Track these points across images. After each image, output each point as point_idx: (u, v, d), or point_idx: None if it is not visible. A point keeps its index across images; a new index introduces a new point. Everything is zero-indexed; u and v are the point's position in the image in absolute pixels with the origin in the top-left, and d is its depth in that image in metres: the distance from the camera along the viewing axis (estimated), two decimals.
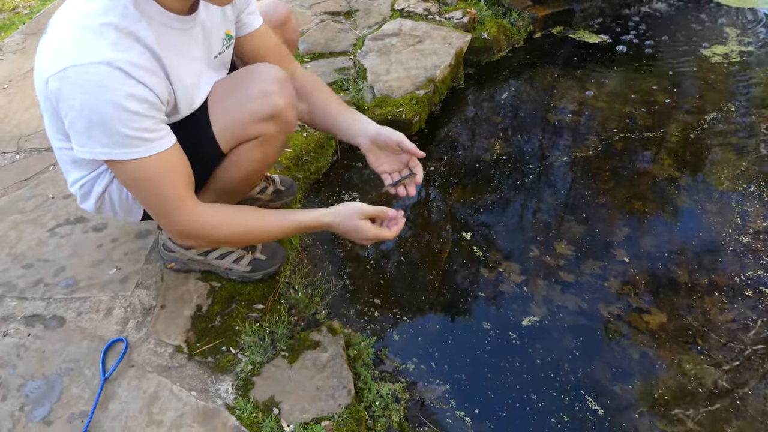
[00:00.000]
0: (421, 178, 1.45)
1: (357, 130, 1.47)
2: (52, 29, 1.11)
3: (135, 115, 1.08)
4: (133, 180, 1.18)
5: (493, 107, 2.69)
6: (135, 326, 1.54)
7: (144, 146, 1.12)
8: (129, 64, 1.06)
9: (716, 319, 1.68)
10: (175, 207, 1.22)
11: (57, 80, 1.05)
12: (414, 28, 2.88)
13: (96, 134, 1.08)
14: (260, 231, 1.34)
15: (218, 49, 1.37)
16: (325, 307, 1.70)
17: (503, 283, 1.83)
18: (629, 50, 3.11)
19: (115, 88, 1.05)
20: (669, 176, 2.23)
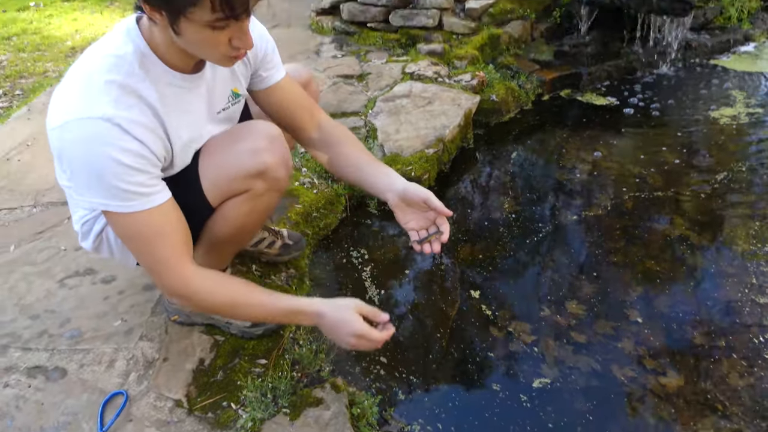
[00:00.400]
0: (447, 237, 1.41)
1: (385, 186, 1.43)
2: (64, 81, 1.17)
3: (130, 170, 1.12)
4: (126, 233, 1.20)
5: (502, 166, 2.72)
6: (136, 379, 1.52)
7: (138, 200, 1.15)
8: (128, 121, 1.11)
9: (736, 383, 1.62)
10: (165, 267, 1.22)
11: (59, 131, 1.10)
12: (424, 90, 2.96)
13: (93, 185, 1.12)
14: (247, 307, 1.29)
15: (222, 105, 1.39)
16: (329, 364, 1.66)
17: (513, 343, 1.78)
18: (637, 112, 3.15)
19: (111, 143, 1.09)
20: (681, 236, 2.20)
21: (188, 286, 1.23)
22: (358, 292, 1.98)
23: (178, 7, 1.01)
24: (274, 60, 1.46)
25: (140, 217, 1.16)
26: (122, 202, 1.14)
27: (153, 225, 1.18)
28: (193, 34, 1.06)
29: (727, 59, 3.82)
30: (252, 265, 1.91)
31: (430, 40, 3.48)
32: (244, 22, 1.08)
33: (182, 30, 1.05)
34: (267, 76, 1.46)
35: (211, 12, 1.01)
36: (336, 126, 1.55)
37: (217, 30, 1.05)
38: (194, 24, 1.03)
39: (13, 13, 5.00)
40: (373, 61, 3.39)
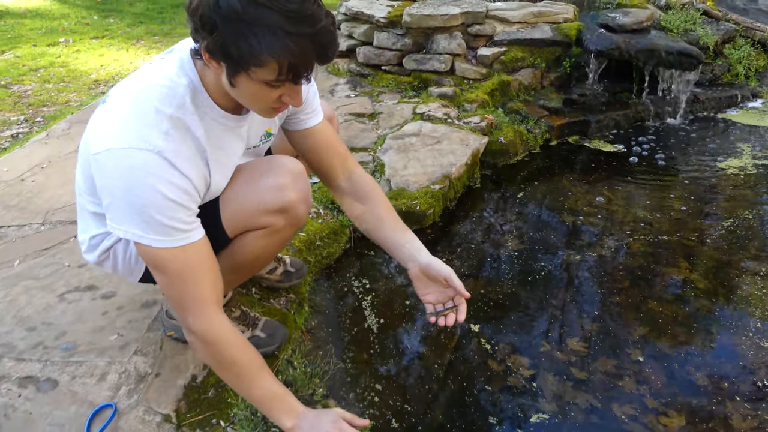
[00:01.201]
0: (464, 317, 1.42)
1: (408, 255, 1.44)
2: (111, 102, 1.17)
3: (174, 204, 1.12)
4: (158, 265, 1.19)
5: (508, 206, 2.73)
6: (127, 393, 1.50)
7: (177, 236, 1.15)
8: (175, 155, 1.12)
9: (739, 426, 1.57)
10: (193, 306, 1.22)
11: (104, 157, 1.10)
12: (433, 130, 3.01)
13: (133, 216, 1.12)
14: (250, 377, 1.28)
15: (255, 142, 1.42)
16: (323, 388, 1.64)
17: (512, 377, 1.75)
18: (644, 160, 3.17)
19: (159, 176, 1.09)
20: (686, 279, 2.18)
21: (211, 331, 1.23)
22: (357, 321, 1.97)
23: (241, 65, 1.02)
24: (314, 104, 1.47)
25: (176, 252, 1.16)
26: (161, 236, 1.14)
27: (187, 262, 1.19)
28: (248, 88, 1.07)
29: (735, 113, 3.87)
30: (252, 289, 1.91)
31: (441, 83, 3.56)
32: (300, 85, 1.10)
33: (238, 83, 1.06)
34: (305, 119, 1.46)
35: (276, 75, 1.03)
36: (367, 179, 1.53)
37: (273, 88, 1.07)
38: (251, 80, 1.05)
39: (43, 47, 5.20)
40: (385, 102, 3.46)
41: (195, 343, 1.27)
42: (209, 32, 1.01)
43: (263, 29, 0.97)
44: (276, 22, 0.97)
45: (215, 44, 1.02)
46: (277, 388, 1.32)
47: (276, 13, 0.97)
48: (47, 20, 6.27)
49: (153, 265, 1.20)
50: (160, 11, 6.79)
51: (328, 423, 1.31)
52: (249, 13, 0.97)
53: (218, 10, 0.98)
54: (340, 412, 1.36)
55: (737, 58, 4.15)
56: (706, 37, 3.88)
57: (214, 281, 1.24)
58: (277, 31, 0.98)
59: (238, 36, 0.99)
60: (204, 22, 1.01)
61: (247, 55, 1.00)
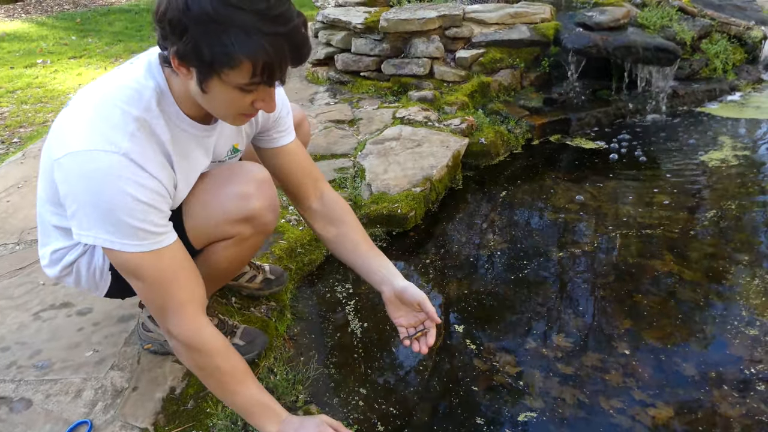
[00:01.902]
0: (433, 342, 1.43)
1: (382, 278, 1.43)
2: (73, 105, 1.14)
3: (145, 206, 1.09)
4: (133, 273, 1.16)
5: (490, 206, 2.72)
6: (103, 408, 1.47)
7: (150, 239, 1.12)
8: (142, 156, 1.09)
9: (727, 414, 1.55)
10: (173, 311, 1.19)
11: (68, 161, 1.06)
12: (413, 133, 3.00)
13: (102, 222, 1.08)
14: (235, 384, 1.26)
15: (222, 156, 1.39)
16: (306, 395, 1.60)
17: (498, 375, 1.73)
18: (626, 156, 3.17)
19: (127, 178, 1.06)
20: (670, 271, 2.17)
21: (194, 337, 1.20)
22: (340, 326, 1.94)
23: (213, 68, 1.00)
24: (286, 123, 1.45)
25: (150, 257, 1.13)
26: (133, 241, 1.10)
27: (163, 266, 1.15)
28: (220, 93, 1.05)
29: (714, 107, 3.89)
30: (232, 298, 1.88)
31: (421, 87, 3.56)
32: (273, 88, 1.08)
33: (209, 88, 1.04)
34: (277, 137, 1.45)
35: (249, 77, 1.01)
36: (339, 201, 1.52)
37: (246, 92, 1.05)
38: (224, 84, 1.03)
39: (20, 69, 5.17)
40: (365, 108, 3.45)
41: (177, 347, 1.24)
42: (179, 36, 0.99)
43: (236, 30, 0.96)
44: (249, 22, 0.96)
45: (186, 48, 0.99)
46: (261, 395, 1.29)
47: (248, 13, 0.96)
48: (25, 42, 6.24)
49: (127, 272, 1.17)
50: (139, 29, 6.79)
51: (313, 428, 1.29)
52: (221, 14, 0.95)
53: (188, 13, 0.96)
54: (325, 418, 1.34)
55: (714, 53, 4.17)
56: (682, 33, 3.90)
57: (193, 284, 1.21)
58: (251, 31, 0.96)
59: (210, 37, 0.97)
60: (173, 26, 0.98)
61: (220, 56, 0.98)
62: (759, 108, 3.82)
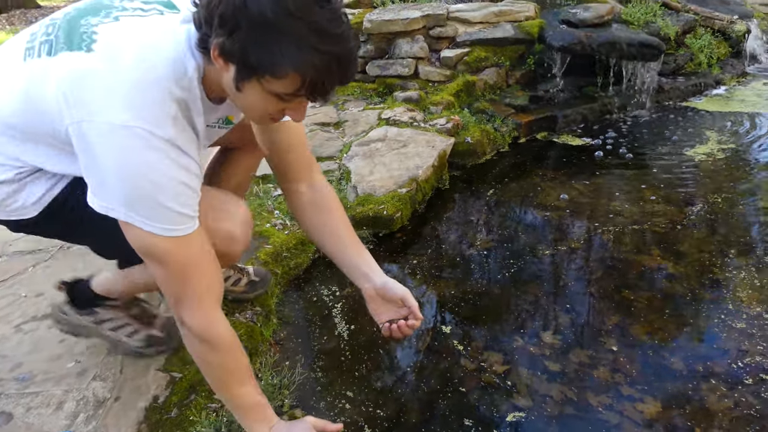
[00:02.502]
0: (418, 325, 1.40)
1: (363, 275, 1.41)
2: (104, 51, 1.03)
3: (190, 191, 1.07)
4: (158, 258, 1.11)
5: (477, 205, 2.71)
6: (84, 420, 1.44)
7: (186, 224, 1.08)
8: (184, 141, 1.05)
9: (715, 407, 1.55)
10: (191, 301, 1.15)
11: (99, 131, 1.00)
12: (399, 134, 2.99)
13: (140, 203, 1.03)
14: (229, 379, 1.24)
15: (211, 122, 1.28)
16: (292, 399, 1.59)
17: (485, 374, 1.71)
18: (613, 152, 3.17)
19: (174, 161, 1.03)
20: (658, 265, 2.17)
21: (208, 330, 1.17)
22: (327, 329, 1.92)
23: (256, 72, 0.96)
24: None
25: (179, 243, 1.09)
26: (170, 225, 1.06)
27: (190, 253, 1.12)
28: (255, 95, 1.01)
29: (700, 101, 3.91)
30: None
31: (406, 87, 3.55)
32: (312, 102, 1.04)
33: (245, 88, 1.00)
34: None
35: (293, 89, 0.97)
36: (329, 190, 1.47)
37: (282, 100, 1.01)
38: (262, 89, 0.99)
39: None
40: (350, 110, 3.44)
41: (188, 337, 1.20)
42: (228, 32, 0.94)
43: (291, 40, 0.93)
44: (305, 36, 0.93)
45: (232, 46, 0.95)
46: (258, 397, 1.28)
47: (307, 25, 0.92)
48: None
49: (151, 256, 1.11)
50: None
51: (303, 429, 1.28)
52: (280, 22, 0.91)
53: (245, 11, 0.92)
54: (311, 420, 1.33)
55: (699, 48, 4.20)
56: (666, 28, 3.92)
57: (214, 275, 1.18)
58: (305, 45, 0.93)
59: (262, 43, 0.93)
60: (224, 20, 0.94)
61: (268, 64, 0.94)
62: (744, 101, 3.84)
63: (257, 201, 2.44)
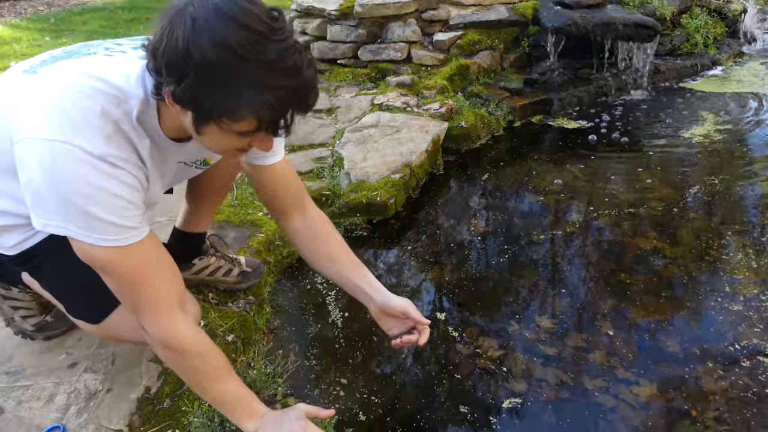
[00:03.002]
0: (424, 341, 1.42)
1: (365, 296, 1.44)
2: (49, 77, 1.08)
3: (125, 202, 1.05)
4: (104, 268, 1.11)
5: (472, 190, 2.69)
6: (76, 412, 1.43)
7: (125, 234, 1.07)
8: (120, 158, 1.04)
9: (710, 389, 1.54)
10: (149, 309, 1.15)
11: (36, 147, 0.99)
12: (392, 119, 2.96)
13: (75, 215, 1.02)
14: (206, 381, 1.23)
15: (189, 161, 1.32)
16: (286, 387, 1.58)
17: (480, 360, 1.70)
18: (609, 135, 3.14)
19: (106, 173, 1.01)
20: (654, 248, 2.15)
21: (171, 337, 1.17)
22: (321, 318, 1.91)
23: (212, 117, 0.95)
24: (277, 146, 1.38)
25: (125, 252, 1.08)
26: (108, 236, 1.05)
27: (138, 261, 1.11)
28: (215, 137, 1.00)
29: (696, 82, 3.87)
30: (209, 294, 1.84)
31: (399, 72, 3.51)
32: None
33: (205, 131, 0.99)
34: (267, 156, 1.38)
35: (253, 129, 0.96)
36: (321, 219, 1.49)
37: (244, 136, 0.99)
38: (221, 130, 0.97)
39: None
40: (342, 96, 3.41)
41: (154, 345, 1.21)
42: (176, 81, 0.92)
43: (242, 83, 0.90)
44: (255, 75, 0.90)
45: (183, 93, 0.93)
46: (240, 391, 1.27)
47: (255, 64, 0.89)
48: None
49: (98, 267, 1.12)
50: (114, 27, 6.66)
51: (292, 422, 1.28)
52: (225, 65, 0.89)
53: (188, 59, 0.89)
54: (303, 407, 1.32)
55: (695, 28, 4.15)
56: (662, 8, 3.87)
57: (168, 280, 1.17)
58: (257, 85, 0.90)
59: (211, 88, 0.91)
60: (172, 69, 0.92)
61: (222, 109, 0.93)
62: (740, 82, 3.81)
63: (249, 189, 2.42)
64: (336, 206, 2.36)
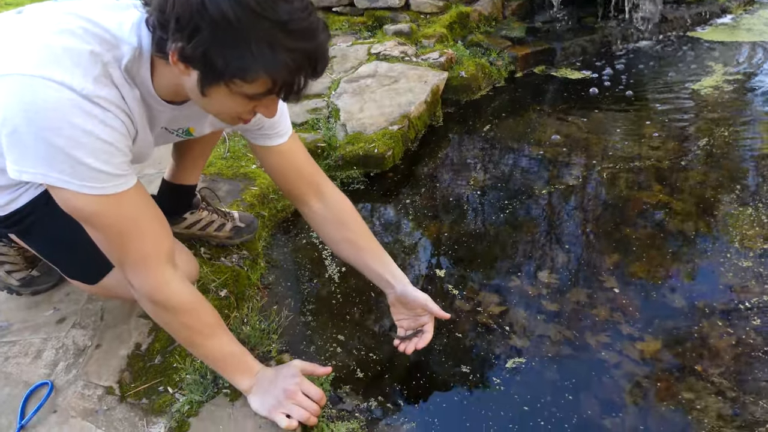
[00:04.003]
0: (425, 344, 1.44)
1: (386, 283, 1.43)
2: (35, 16, 1.00)
3: (110, 147, 0.97)
4: (88, 220, 1.04)
5: (473, 142, 2.61)
6: (65, 368, 1.39)
7: (111, 182, 1.00)
8: (106, 100, 0.96)
9: (716, 344, 1.50)
10: (135, 264, 1.09)
11: (14, 82, 0.91)
12: (390, 69, 2.85)
13: (55, 160, 0.94)
14: (198, 337, 1.20)
15: (172, 128, 1.23)
16: (281, 344, 1.54)
17: (480, 316, 1.66)
18: (614, 85, 3.04)
19: (90, 114, 0.94)
20: (660, 202, 2.09)
21: (159, 293, 1.12)
22: (317, 273, 1.86)
23: (223, 77, 0.89)
24: (281, 124, 1.32)
25: (110, 201, 1.01)
26: (92, 183, 0.98)
27: (125, 212, 1.04)
28: (222, 99, 0.94)
29: (704, 31, 3.74)
30: (200, 248, 1.78)
31: (396, 20, 3.38)
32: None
33: (211, 93, 0.93)
34: (272, 135, 1.32)
35: (264, 91, 0.91)
36: (341, 202, 1.44)
37: (252, 100, 0.95)
38: (230, 92, 0.92)
39: None
40: (338, 45, 3.28)
41: (141, 301, 1.16)
42: (187, 37, 0.86)
43: (258, 42, 0.85)
44: (273, 36, 0.86)
45: (194, 51, 0.87)
46: (233, 348, 1.24)
47: (272, 24, 0.85)
48: None
49: (82, 218, 1.05)
50: None
51: (287, 379, 1.26)
52: (243, 23, 0.84)
53: (204, 14, 0.84)
54: (299, 364, 1.30)
55: None
56: None
57: (158, 233, 1.11)
58: (273, 45, 0.86)
59: (227, 46, 0.86)
60: (182, 24, 0.86)
61: (236, 68, 0.88)
62: (750, 30, 3.67)
63: (241, 141, 2.33)
64: (332, 159, 2.29)
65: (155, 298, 1.13)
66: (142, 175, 2.07)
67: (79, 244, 1.17)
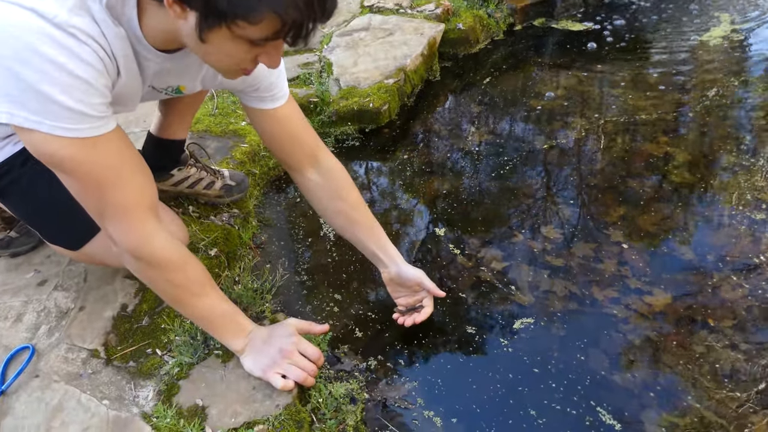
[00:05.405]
0: (424, 317, 1.40)
1: (380, 260, 1.40)
2: None
3: (85, 84, 0.86)
4: (62, 166, 0.94)
5: (471, 97, 2.51)
6: (47, 332, 1.32)
7: (87, 123, 0.90)
8: (84, 33, 0.84)
9: (727, 296, 1.44)
10: (115, 215, 1.00)
11: None
12: (384, 22, 2.73)
13: (24, 96, 0.84)
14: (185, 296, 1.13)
15: (160, 87, 1.12)
16: (276, 304, 1.48)
17: (482, 272, 1.60)
18: (618, 37, 2.92)
19: (64, 46, 0.82)
20: (666, 154, 2.01)
21: (143, 247, 1.04)
22: (312, 231, 1.78)
23: (225, 18, 0.79)
24: (278, 86, 1.23)
25: (86, 145, 0.91)
26: (66, 124, 0.87)
27: (103, 158, 0.94)
28: (222, 44, 0.85)
29: None
30: (188, 207, 1.70)
31: None
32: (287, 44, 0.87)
33: (211, 38, 0.83)
34: (268, 97, 1.23)
35: (272, 34, 0.81)
36: (339, 173, 1.37)
37: (255, 46, 0.85)
38: (233, 36, 0.83)
39: None
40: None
41: (123, 257, 1.07)
42: None
43: None
44: None
45: None
46: (224, 307, 1.18)
47: None
48: None
49: (54, 164, 0.94)
50: None
51: (283, 339, 1.20)
52: None
53: None
54: (294, 322, 1.24)
55: None
56: None
57: (141, 182, 1.02)
58: None
59: None
60: None
61: (241, 8, 0.77)
62: None
63: (230, 97, 2.23)
64: (325, 114, 2.19)
65: (138, 253, 1.05)
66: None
67: (60, 208, 1.09)
